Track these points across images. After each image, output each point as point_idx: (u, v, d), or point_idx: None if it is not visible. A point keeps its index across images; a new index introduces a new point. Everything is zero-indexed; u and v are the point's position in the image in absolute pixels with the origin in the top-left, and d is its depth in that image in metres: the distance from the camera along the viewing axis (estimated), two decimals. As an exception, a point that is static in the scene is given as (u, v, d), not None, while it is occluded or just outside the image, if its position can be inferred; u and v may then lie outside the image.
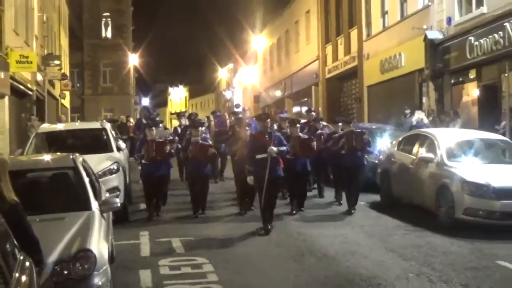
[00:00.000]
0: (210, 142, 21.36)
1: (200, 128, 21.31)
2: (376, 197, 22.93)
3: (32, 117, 37.21)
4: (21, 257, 6.35)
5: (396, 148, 22.61)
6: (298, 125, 21.37)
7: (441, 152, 18.88)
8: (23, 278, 5.80)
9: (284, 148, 17.44)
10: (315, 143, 20.88)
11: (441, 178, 18.42)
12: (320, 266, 14.26)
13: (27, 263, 6.47)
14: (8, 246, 6.09)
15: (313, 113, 27.56)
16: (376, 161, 24.04)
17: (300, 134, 20.83)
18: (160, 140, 19.90)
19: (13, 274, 5.61)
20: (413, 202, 20.58)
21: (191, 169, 20.81)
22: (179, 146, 22.76)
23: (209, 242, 16.57)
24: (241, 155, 20.11)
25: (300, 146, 20.07)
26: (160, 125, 24.63)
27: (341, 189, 22.01)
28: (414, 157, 20.56)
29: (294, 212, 20.40)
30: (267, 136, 17.42)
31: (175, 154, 22.29)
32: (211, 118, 31.77)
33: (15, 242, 6.63)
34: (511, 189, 16.90)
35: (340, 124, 22.21)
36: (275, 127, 22.84)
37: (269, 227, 17.26)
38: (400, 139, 23.29)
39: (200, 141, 20.16)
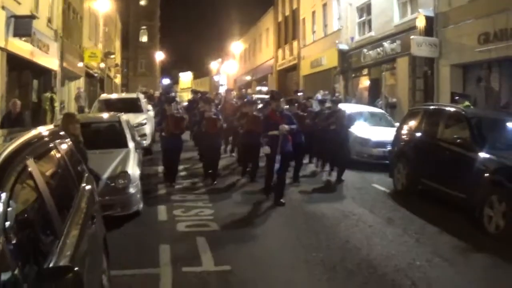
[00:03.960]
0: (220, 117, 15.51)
1: (212, 103, 16.05)
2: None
3: (80, 88, 36.62)
4: (86, 174, 6.41)
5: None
6: (295, 104, 16.96)
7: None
8: (88, 187, 5.88)
9: (294, 126, 12.62)
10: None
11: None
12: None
13: (90, 178, 6.56)
14: (79, 167, 6.12)
15: (301, 93, 22.42)
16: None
17: (298, 111, 16.30)
18: (178, 115, 15.08)
19: (81, 184, 5.71)
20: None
21: (204, 141, 15.58)
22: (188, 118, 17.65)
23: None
24: (247, 129, 15.33)
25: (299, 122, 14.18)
26: (176, 100, 20.39)
27: (330, 160, 16.38)
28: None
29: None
30: (278, 114, 12.51)
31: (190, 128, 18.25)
32: (223, 94, 24.52)
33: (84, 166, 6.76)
34: (382, 142, 16.91)
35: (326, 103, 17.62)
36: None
37: (282, 200, 12.20)
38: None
39: (213, 116, 14.97)
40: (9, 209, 2.98)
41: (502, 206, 9.49)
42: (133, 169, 10.79)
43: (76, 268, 3.16)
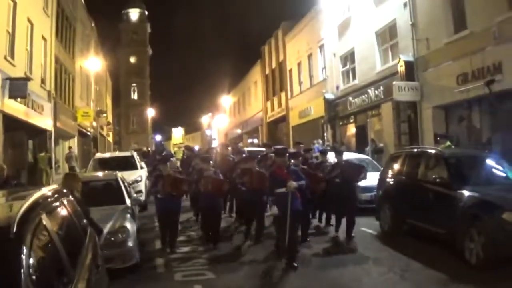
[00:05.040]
0: (221, 176, 14.44)
1: (210, 162, 15.15)
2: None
3: (71, 148, 36.34)
4: (89, 228, 6.88)
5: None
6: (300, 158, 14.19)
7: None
8: (91, 239, 6.37)
9: (303, 182, 11.54)
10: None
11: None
12: None
13: (93, 231, 7.04)
14: (83, 222, 6.64)
15: (302, 145, 19.53)
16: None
17: (304, 166, 14.11)
18: (178, 176, 13.73)
19: (86, 236, 6.23)
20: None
21: (204, 203, 13.91)
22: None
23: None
24: (250, 186, 14.13)
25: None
26: (172, 159, 17.81)
27: (336, 216, 14.83)
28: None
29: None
30: (285, 171, 11.50)
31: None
32: (218, 149, 21.94)
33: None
34: (369, 187, 16.61)
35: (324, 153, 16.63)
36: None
37: (295, 263, 10.93)
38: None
39: (214, 175, 13.94)
40: (31, 260, 3.55)
41: (481, 238, 10.10)
42: (131, 224, 11.27)
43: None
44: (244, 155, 18.15)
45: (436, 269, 10.29)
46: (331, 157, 16.99)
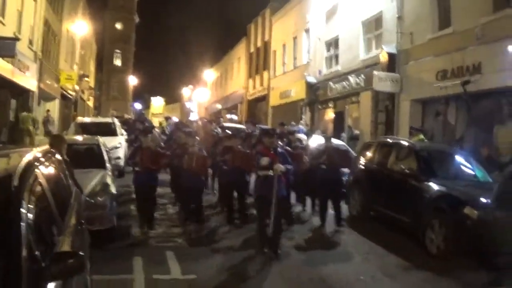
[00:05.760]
0: (205, 152, 13.59)
1: (196, 137, 14.24)
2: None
3: (48, 112, 34.88)
4: (74, 188, 7.26)
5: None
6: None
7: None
8: (76, 201, 6.67)
9: (290, 166, 10.78)
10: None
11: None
12: None
13: (78, 190, 7.49)
14: (70, 180, 7.02)
15: (285, 126, 19.36)
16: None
17: (288, 148, 13.77)
18: (158, 150, 13.26)
19: (72, 194, 6.65)
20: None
21: (187, 180, 12.95)
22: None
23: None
24: (232, 166, 13.48)
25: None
26: (153, 130, 18.21)
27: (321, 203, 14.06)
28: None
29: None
30: (272, 151, 10.63)
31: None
32: (199, 123, 22.58)
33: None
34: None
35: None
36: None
37: (279, 251, 10.46)
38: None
39: (198, 152, 13.12)
40: (29, 210, 3.92)
41: (442, 229, 10.65)
42: (110, 188, 11.56)
43: (81, 253, 4.12)
44: (227, 132, 17.47)
45: (398, 255, 10.85)
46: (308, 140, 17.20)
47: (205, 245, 11.12)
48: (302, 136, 18.31)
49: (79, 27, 45.69)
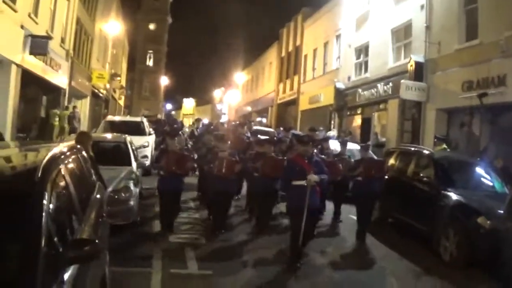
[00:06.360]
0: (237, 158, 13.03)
1: (228, 142, 13.78)
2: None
3: (75, 108, 33.38)
4: (99, 183, 7.62)
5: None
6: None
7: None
8: (100, 192, 7.09)
9: (325, 176, 10.05)
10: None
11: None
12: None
13: (101, 186, 7.78)
14: (94, 176, 7.39)
15: (317, 132, 18.33)
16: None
17: (322, 156, 13.36)
18: (185, 154, 12.75)
19: (95, 189, 6.96)
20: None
21: (216, 186, 12.32)
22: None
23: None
24: (263, 173, 12.74)
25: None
26: (180, 132, 18.08)
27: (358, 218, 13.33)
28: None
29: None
30: (306, 160, 9.94)
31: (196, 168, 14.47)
32: (226, 125, 22.08)
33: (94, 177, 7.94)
34: None
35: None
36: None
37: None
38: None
39: (228, 157, 12.56)
40: (51, 201, 4.22)
41: (456, 238, 10.83)
42: (134, 185, 11.98)
43: (96, 241, 4.45)
44: (259, 137, 16.51)
45: (411, 261, 11.03)
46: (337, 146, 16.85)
47: (226, 247, 11.27)
48: (334, 143, 18.17)
49: (112, 27, 46.33)
